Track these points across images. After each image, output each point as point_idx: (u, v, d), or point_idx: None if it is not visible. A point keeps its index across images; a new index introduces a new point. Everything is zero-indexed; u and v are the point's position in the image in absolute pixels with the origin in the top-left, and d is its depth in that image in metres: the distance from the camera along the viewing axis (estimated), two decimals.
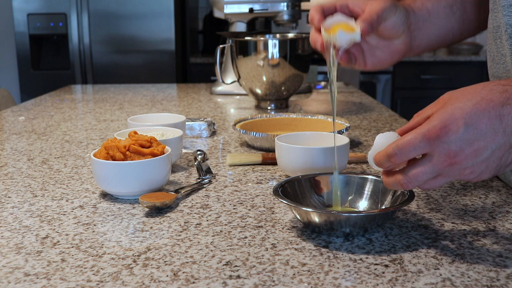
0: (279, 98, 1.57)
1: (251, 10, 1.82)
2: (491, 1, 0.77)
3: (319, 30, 0.76)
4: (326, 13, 0.76)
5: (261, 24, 3.68)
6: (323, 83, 2.12)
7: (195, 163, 0.99)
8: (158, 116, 1.16)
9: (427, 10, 0.83)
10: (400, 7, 0.78)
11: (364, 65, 0.81)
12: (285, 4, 1.83)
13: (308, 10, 3.99)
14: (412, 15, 0.81)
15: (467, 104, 0.56)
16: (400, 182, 0.60)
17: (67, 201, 0.81)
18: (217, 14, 1.89)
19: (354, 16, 0.76)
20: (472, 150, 0.55)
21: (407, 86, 3.73)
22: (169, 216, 0.74)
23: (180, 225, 0.71)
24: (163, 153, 0.83)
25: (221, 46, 1.64)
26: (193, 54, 3.73)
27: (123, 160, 0.80)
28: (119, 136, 0.94)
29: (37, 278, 0.57)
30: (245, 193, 0.84)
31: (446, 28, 0.86)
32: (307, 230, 0.68)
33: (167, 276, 0.57)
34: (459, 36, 0.89)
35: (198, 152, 1.04)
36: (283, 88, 1.55)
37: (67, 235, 0.68)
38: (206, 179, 0.90)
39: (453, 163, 0.56)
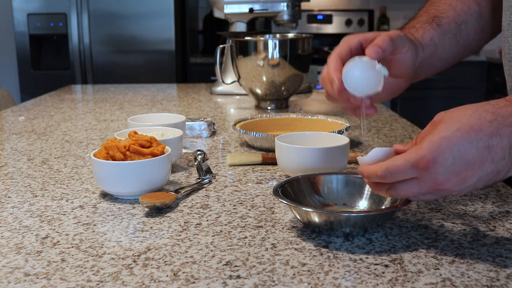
0: (279, 98, 1.57)
1: (251, 10, 1.82)
2: None
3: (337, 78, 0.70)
4: (344, 59, 0.71)
5: (261, 24, 3.68)
6: None
7: (195, 163, 0.99)
8: (158, 116, 1.16)
9: (434, 44, 0.81)
10: (412, 41, 0.74)
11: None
12: (285, 4, 1.83)
13: (308, 10, 4.00)
14: (420, 51, 0.78)
15: (456, 134, 0.56)
16: (390, 194, 0.62)
17: (67, 201, 0.81)
18: (217, 14, 1.89)
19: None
20: (459, 178, 0.57)
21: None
22: (169, 216, 0.74)
23: (180, 225, 0.71)
24: (163, 153, 0.83)
25: (221, 46, 1.64)
26: (193, 54, 3.73)
27: (123, 160, 0.80)
28: (119, 136, 0.94)
29: (37, 278, 0.57)
30: (245, 193, 0.84)
31: (449, 59, 0.86)
32: (307, 230, 0.68)
33: (167, 276, 0.57)
34: (459, 60, 0.89)
35: (198, 152, 1.04)
36: (283, 88, 1.55)
37: (67, 235, 0.68)
38: (206, 179, 0.90)
39: (440, 189, 0.58)
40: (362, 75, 0.68)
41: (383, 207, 0.71)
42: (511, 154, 0.56)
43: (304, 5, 3.72)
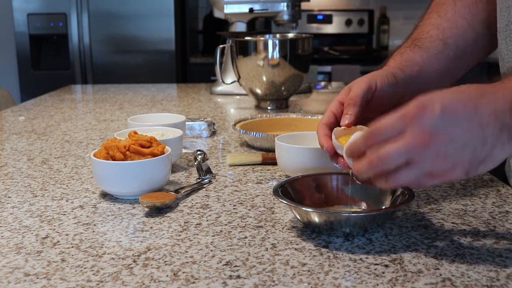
0: (279, 98, 1.57)
1: (251, 10, 1.82)
2: (500, 0, 0.78)
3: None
4: (331, 126, 0.75)
5: (261, 24, 3.68)
6: (323, 83, 2.12)
7: (195, 163, 0.99)
8: (158, 116, 1.16)
9: (416, 63, 0.83)
10: (383, 77, 0.77)
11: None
12: (285, 4, 1.83)
13: (308, 10, 4.00)
14: (399, 73, 0.80)
15: (445, 93, 0.57)
16: (372, 162, 0.58)
17: (67, 201, 0.81)
18: (217, 14, 1.89)
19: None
20: (446, 135, 0.55)
21: None
22: (169, 216, 0.74)
23: (180, 225, 0.71)
24: (163, 153, 0.83)
25: (221, 46, 1.64)
26: (193, 54, 3.73)
27: (123, 160, 0.80)
28: (119, 136, 0.94)
29: (37, 278, 0.57)
30: (245, 193, 0.84)
31: (444, 73, 0.87)
32: (307, 230, 0.68)
33: (167, 276, 0.57)
34: (461, 71, 0.90)
35: (198, 152, 1.04)
36: (283, 88, 1.55)
37: (67, 235, 0.68)
38: (206, 179, 0.90)
39: (426, 143, 0.55)
40: None
41: (383, 207, 0.71)
42: (496, 122, 0.56)
43: (304, 5, 3.71)
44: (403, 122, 0.56)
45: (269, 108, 1.59)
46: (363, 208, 0.74)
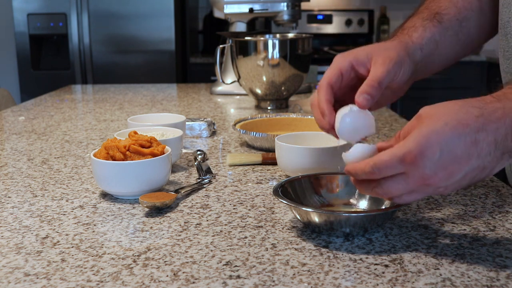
0: (279, 98, 1.57)
1: (251, 10, 1.82)
2: None
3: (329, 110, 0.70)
4: (335, 87, 0.71)
5: (261, 24, 3.68)
6: None
7: (195, 163, 0.99)
8: (158, 116, 1.16)
9: (435, 42, 0.80)
10: (406, 59, 0.73)
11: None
12: (285, 4, 1.83)
13: (308, 10, 4.00)
14: (418, 54, 0.77)
15: (444, 128, 0.56)
16: (376, 192, 0.61)
17: (67, 201, 0.81)
18: (217, 14, 1.89)
19: (361, 76, 0.71)
20: (446, 173, 0.56)
21: None
22: (169, 216, 0.74)
23: (180, 225, 0.71)
24: (163, 153, 0.83)
25: (221, 46, 1.64)
26: (193, 54, 3.73)
27: (123, 160, 0.80)
28: (119, 136, 0.94)
29: (37, 278, 0.57)
30: (245, 193, 0.84)
31: (450, 56, 0.85)
32: (307, 230, 0.68)
33: (167, 276, 0.57)
34: (461, 57, 0.88)
35: (198, 152, 1.04)
36: (283, 88, 1.55)
37: (67, 235, 0.68)
38: (206, 179, 0.90)
39: (427, 184, 0.58)
40: (354, 124, 0.68)
41: (383, 207, 0.71)
42: (497, 150, 0.56)
43: (304, 5, 3.72)
44: (403, 166, 0.57)
45: (269, 108, 1.59)
46: (363, 208, 0.74)
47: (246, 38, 1.56)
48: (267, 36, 1.64)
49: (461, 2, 0.85)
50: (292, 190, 0.73)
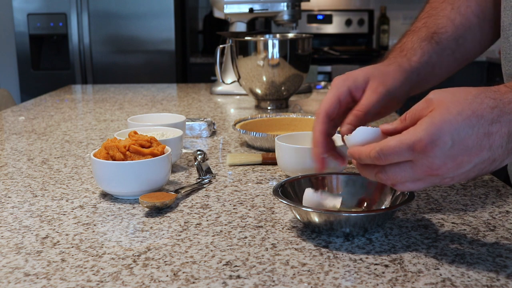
0: (279, 98, 1.57)
1: (251, 10, 1.82)
2: None
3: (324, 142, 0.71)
4: (332, 116, 0.72)
5: (261, 24, 3.68)
6: (323, 83, 2.12)
7: (195, 163, 0.99)
8: (158, 116, 1.16)
9: (432, 64, 0.80)
10: (401, 87, 0.74)
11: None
12: (285, 4, 1.83)
13: (308, 10, 4.00)
14: (415, 78, 0.78)
15: (457, 118, 0.55)
16: (379, 177, 0.59)
17: (67, 201, 0.81)
18: (217, 14, 1.89)
19: (358, 101, 0.72)
20: (455, 164, 0.55)
21: None
22: (169, 216, 0.74)
23: (180, 225, 0.71)
24: (163, 153, 0.83)
25: (221, 46, 1.64)
26: (193, 54, 3.73)
27: (123, 160, 0.80)
28: (119, 136, 0.94)
29: (37, 278, 0.57)
30: (245, 193, 0.84)
31: (446, 74, 0.86)
32: (307, 230, 0.68)
33: (167, 276, 0.57)
34: (456, 71, 0.89)
35: (198, 152, 1.04)
36: (283, 88, 1.55)
37: (67, 235, 0.68)
38: (206, 179, 0.90)
39: (434, 174, 0.56)
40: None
41: (383, 207, 0.71)
42: (509, 143, 0.55)
43: (304, 5, 3.72)
44: (411, 154, 0.56)
45: (269, 108, 1.59)
46: (363, 207, 0.74)
47: (246, 38, 1.56)
48: (267, 36, 1.64)
49: (459, 19, 0.84)
50: (292, 190, 0.73)
